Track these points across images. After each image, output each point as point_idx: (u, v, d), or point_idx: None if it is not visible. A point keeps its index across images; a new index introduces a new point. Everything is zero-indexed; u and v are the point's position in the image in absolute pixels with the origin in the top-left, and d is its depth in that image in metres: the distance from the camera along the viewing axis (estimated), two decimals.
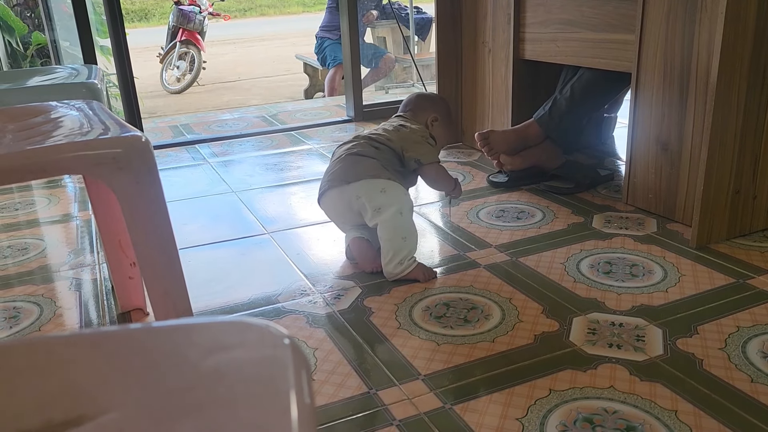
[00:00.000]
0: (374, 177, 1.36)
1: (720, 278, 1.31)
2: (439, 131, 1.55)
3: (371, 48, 4.67)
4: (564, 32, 1.85)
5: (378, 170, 1.37)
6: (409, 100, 1.61)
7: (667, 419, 0.91)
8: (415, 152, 1.44)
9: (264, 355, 0.33)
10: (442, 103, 1.62)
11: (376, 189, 1.35)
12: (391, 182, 1.37)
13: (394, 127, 1.49)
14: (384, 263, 1.35)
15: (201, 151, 2.53)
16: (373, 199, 1.35)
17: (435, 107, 1.58)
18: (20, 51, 3.29)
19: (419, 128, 1.50)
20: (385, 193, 1.35)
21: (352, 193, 1.36)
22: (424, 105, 1.58)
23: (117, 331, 0.36)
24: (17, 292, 1.41)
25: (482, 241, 1.54)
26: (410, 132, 1.47)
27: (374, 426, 0.92)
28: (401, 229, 1.35)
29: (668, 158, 1.58)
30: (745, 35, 1.33)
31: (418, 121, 1.54)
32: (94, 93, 1.35)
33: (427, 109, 1.57)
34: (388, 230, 1.35)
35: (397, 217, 1.34)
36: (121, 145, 0.79)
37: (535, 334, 1.14)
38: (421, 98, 1.61)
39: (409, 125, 1.50)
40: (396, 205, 1.34)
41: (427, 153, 1.46)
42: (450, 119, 1.61)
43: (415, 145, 1.45)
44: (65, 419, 0.29)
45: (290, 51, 6.85)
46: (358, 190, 1.36)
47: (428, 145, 1.48)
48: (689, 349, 1.07)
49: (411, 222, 1.38)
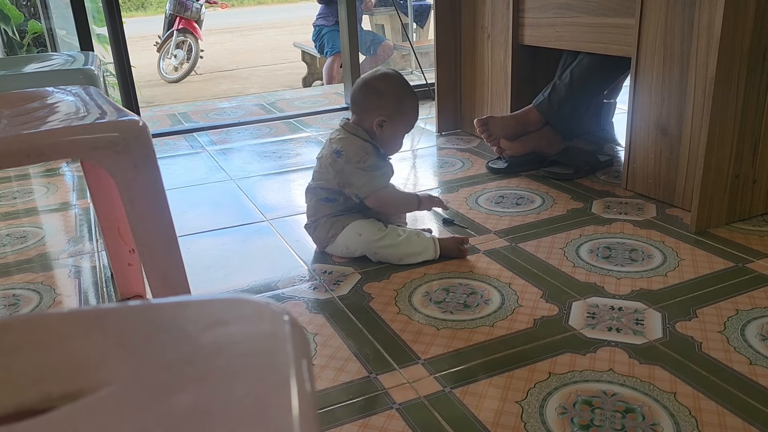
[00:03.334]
0: (341, 229, 1.38)
1: (719, 262, 1.31)
2: (390, 131, 1.39)
3: (369, 35, 4.64)
4: (563, 17, 1.84)
5: (339, 221, 1.40)
6: (353, 99, 1.41)
7: (666, 401, 0.91)
8: (352, 187, 1.36)
9: (262, 329, 0.33)
10: (390, 92, 1.39)
11: (353, 238, 1.38)
12: (358, 223, 1.38)
13: (333, 157, 1.37)
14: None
15: (199, 140, 2.52)
16: (359, 246, 1.38)
17: (381, 104, 1.37)
18: (16, 40, 3.27)
19: (354, 151, 1.36)
20: (361, 236, 1.37)
21: (341, 246, 1.40)
22: (368, 105, 1.38)
23: (116, 307, 0.35)
24: (16, 280, 1.41)
25: (482, 227, 1.54)
26: (345, 162, 1.35)
27: (374, 410, 0.93)
28: (395, 258, 1.37)
29: (668, 143, 1.58)
30: (745, 19, 1.32)
31: (364, 126, 1.39)
32: (91, 79, 1.34)
33: (370, 110, 1.38)
34: (390, 260, 1.38)
35: (387, 250, 1.37)
36: (119, 129, 0.78)
37: (534, 319, 1.14)
38: (364, 95, 1.39)
39: (345, 151, 1.36)
40: (377, 241, 1.37)
41: (363, 185, 1.35)
42: (403, 108, 1.39)
43: (351, 177, 1.35)
44: (64, 393, 0.29)
45: (288, 39, 6.82)
46: (343, 247, 1.40)
47: (362, 173, 1.35)
48: (688, 332, 1.07)
49: (403, 244, 1.36)
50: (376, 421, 0.90)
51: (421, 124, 2.58)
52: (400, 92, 1.40)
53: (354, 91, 1.41)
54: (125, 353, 0.31)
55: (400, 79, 1.42)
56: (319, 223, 1.43)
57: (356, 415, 0.92)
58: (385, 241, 1.36)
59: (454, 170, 1.98)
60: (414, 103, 1.42)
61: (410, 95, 1.42)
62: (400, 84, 1.41)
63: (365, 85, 1.40)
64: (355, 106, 1.41)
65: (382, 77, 1.41)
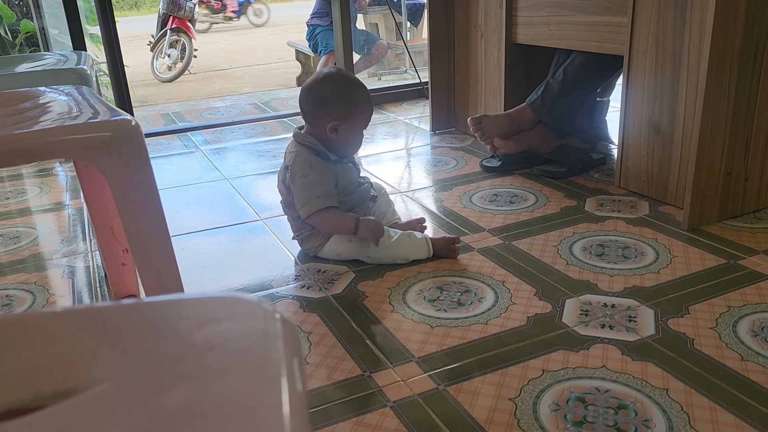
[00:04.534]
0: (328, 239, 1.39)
1: (711, 259, 1.32)
2: (346, 132, 1.34)
3: (363, 34, 4.64)
4: (556, 15, 1.84)
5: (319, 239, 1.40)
6: (302, 108, 1.36)
7: (659, 397, 0.91)
8: (299, 208, 1.34)
9: (254, 327, 0.33)
10: (337, 94, 1.33)
11: (343, 245, 1.38)
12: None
13: (284, 173, 1.37)
14: None
15: (193, 139, 2.52)
16: (351, 252, 1.38)
17: (330, 109, 1.32)
18: (9, 39, 3.26)
19: (298, 164, 1.33)
20: (351, 242, 1.38)
21: (332, 254, 1.40)
22: (318, 112, 1.33)
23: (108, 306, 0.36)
24: (9, 280, 1.41)
25: (475, 225, 1.55)
26: (290, 178, 1.34)
27: (369, 408, 0.93)
28: (388, 259, 1.37)
29: (660, 141, 1.59)
30: (736, 17, 1.33)
31: (317, 134, 1.35)
32: (84, 78, 1.34)
33: (322, 117, 1.33)
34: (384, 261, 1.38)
35: (379, 253, 1.36)
36: (111, 129, 0.78)
37: (528, 316, 1.15)
38: (312, 103, 1.34)
39: (292, 165, 1.33)
40: (368, 246, 1.36)
41: (302, 206, 1.33)
42: (353, 107, 1.33)
43: (298, 195, 1.33)
44: (56, 391, 0.29)
45: (282, 38, 6.80)
46: (334, 254, 1.40)
47: (303, 192, 1.32)
48: (680, 328, 1.08)
49: (395, 246, 1.36)
50: (370, 419, 0.90)
51: (415, 123, 2.58)
52: (347, 92, 1.34)
53: (301, 100, 1.36)
54: (117, 351, 0.31)
55: (344, 78, 1.36)
56: (303, 236, 1.42)
57: (350, 413, 0.92)
58: (377, 246, 1.35)
59: (448, 169, 1.98)
60: (363, 97, 1.35)
61: (358, 90, 1.35)
62: (345, 83, 1.35)
63: (310, 92, 1.34)
64: (306, 115, 1.37)
65: (324, 80, 1.34)
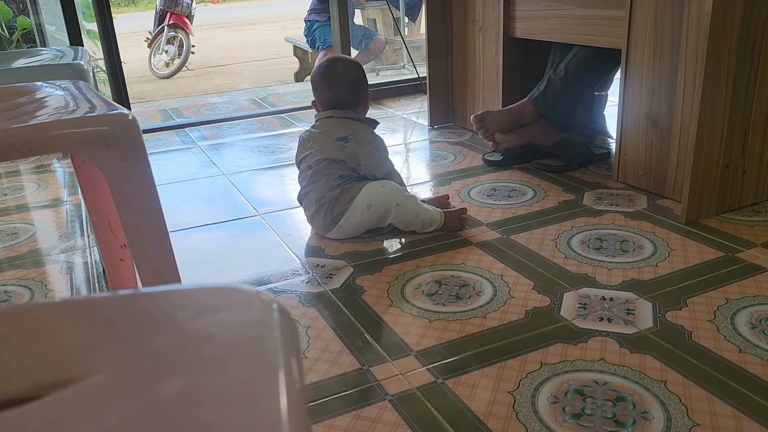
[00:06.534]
0: (359, 190, 1.44)
1: (709, 252, 1.32)
2: (367, 102, 1.56)
3: (361, 30, 4.63)
4: (554, 9, 1.84)
5: (355, 185, 1.45)
6: (348, 99, 1.51)
7: (657, 390, 0.92)
8: (366, 168, 1.48)
9: (251, 317, 0.33)
10: (362, 72, 1.54)
11: (375, 190, 1.44)
12: (377, 181, 1.47)
13: (339, 144, 1.46)
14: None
15: (191, 135, 2.51)
16: (383, 197, 1.43)
17: (364, 83, 1.54)
18: (5, 36, 3.25)
19: (362, 134, 1.48)
20: (384, 187, 1.44)
21: (361, 207, 1.43)
22: (360, 92, 1.52)
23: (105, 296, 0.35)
24: (8, 276, 1.41)
25: (474, 219, 1.55)
26: (356, 144, 1.46)
27: (367, 401, 0.93)
28: (410, 213, 1.45)
29: (658, 134, 1.59)
30: (734, 10, 1.33)
31: (358, 111, 1.52)
32: (80, 73, 1.34)
33: (362, 95, 1.53)
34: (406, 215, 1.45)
35: (408, 201, 1.45)
36: (108, 123, 0.78)
37: (526, 310, 1.15)
38: (355, 87, 1.51)
39: (353, 135, 1.46)
40: (401, 191, 1.47)
41: (378, 166, 1.49)
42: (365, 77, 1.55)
43: (365, 158, 1.47)
44: (53, 381, 0.29)
45: (280, 34, 6.79)
46: (364, 206, 1.43)
47: (376, 154, 1.49)
48: (678, 321, 1.08)
49: (418, 202, 1.46)
50: (369, 412, 0.91)
51: (414, 117, 2.58)
52: (359, 69, 1.54)
53: (341, 93, 1.50)
54: (114, 341, 0.31)
55: (349, 59, 1.60)
56: (327, 201, 1.43)
57: (349, 406, 0.92)
58: (407, 193, 1.48)
59: (446, 163, 1.98)
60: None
61: (356, 63, 1.56)
62: (352, 61, 1.57)
63: (348, 83, 1.50)
64: (350, 102, 1.51)
65: (346, 67, 1.52)
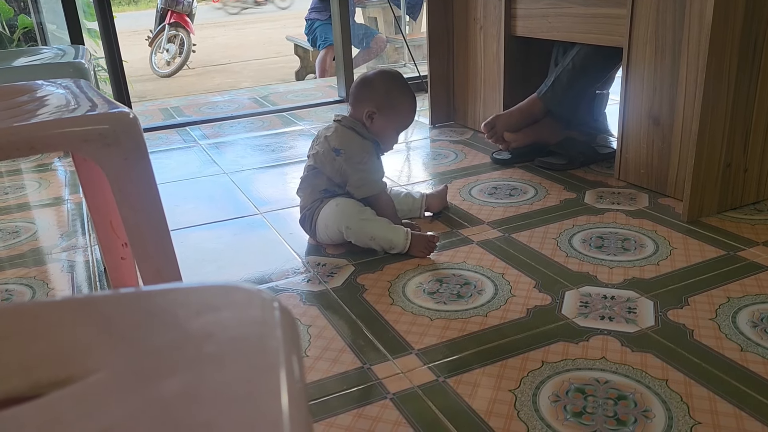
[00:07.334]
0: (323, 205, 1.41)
1: (711, 251, 1.32)
2: (381, 124, 1.40)
3: (362, 28, 4.63)
4: (555, 7, 1.83)
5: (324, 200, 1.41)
6: (351, 92, 1.46)
7: (658, 388, 0.92)
8: (349, 186, 1.40)
9: (252, 315, 0.33)
10: (382, 85, 1.41)
11: (330, 209, 1.39)
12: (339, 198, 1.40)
13: (331, 155, 1.40)
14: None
15: (192, 134, 2.51)
16: (335, 219, 1.38)
17: (371, 96, 1.40)
18: (6, 35, 3.25)
19: (355, 150, 1.39)
20: (338, 206, 1.38)
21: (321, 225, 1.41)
22: (360, 96, 1.41)
23: (105, 295, 0.35)
24: (9, 275, 1.41)
25: (475, 218, 1.54)
26: (344, 160, 1.38)
27: (369, 400, 0.93)
28: (365, 236, 1.36)
29: (660, 133, 1.58)
30: (735, 8, 1.32)
31: (357, 116, 1.41)
32: (81, 72, 1.34)
33: (362, 101, 1.40)
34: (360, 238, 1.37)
35: (360, 224, 1.36)
36: (109, 122, 0.78)
37: (527, 308, 1.15)
38: (358, 87, 1.43)
39: (345, 149, 1.38)
40: (354, 214, 1.37)
41: (361, 186, 1.39)
42: (393, 101, 1.40)
43: (350, 176, 1.40)
44: (53, 380, 0.29)
45: (281, 33, 6.78)
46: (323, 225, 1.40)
47: (360, 174, 1.39)
48: (680, 320, 1.08)
49: (376, 222, 1.37)
50: (370, 411, 0.91)
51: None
52: (391, 86, 1.42)
53: (352, 86, 1.46)
54: (115, 340, 0.31)
55: (396, 76, 1.45)
56: (307, 212, 1.44)
57: (351, 405, 0.92)
58: (362, 216, 1.37)
59: (448, 162, 1.98)
60: (406, 98, 1.43)
61: (402, 89, 1.43)
62: (393, 79, 1.44)
63: (362, 77, 1.46)
64: (351, 98, 1.46)
65: (379, 73, 1.46)
